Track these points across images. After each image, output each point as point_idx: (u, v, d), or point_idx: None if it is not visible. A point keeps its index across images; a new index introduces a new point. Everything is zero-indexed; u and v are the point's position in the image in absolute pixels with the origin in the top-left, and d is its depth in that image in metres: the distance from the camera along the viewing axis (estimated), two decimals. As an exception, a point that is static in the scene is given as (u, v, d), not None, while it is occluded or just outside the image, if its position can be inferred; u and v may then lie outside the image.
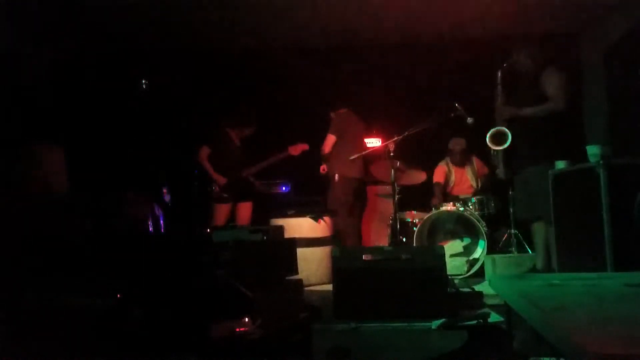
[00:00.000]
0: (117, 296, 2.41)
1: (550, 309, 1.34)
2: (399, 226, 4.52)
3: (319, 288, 4.39)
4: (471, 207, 4.89)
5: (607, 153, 3.08)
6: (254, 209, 5.16)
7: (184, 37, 5.53)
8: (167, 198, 4.40)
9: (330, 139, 5.15)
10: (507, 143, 3.89)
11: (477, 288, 3.71)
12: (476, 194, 5.14)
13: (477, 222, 4.67)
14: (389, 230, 5.03)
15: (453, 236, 5.04)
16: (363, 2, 4.85)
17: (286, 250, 3.61)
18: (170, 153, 4.78)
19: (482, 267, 4.52)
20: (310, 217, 4.74)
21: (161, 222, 4.04)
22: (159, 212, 3.98)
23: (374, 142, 5.58)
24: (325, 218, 4.81)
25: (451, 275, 4.06)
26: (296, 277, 3.60)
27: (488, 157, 4.36)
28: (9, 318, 2.12)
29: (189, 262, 2.77)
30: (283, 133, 5.37)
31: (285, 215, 4.72)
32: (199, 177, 5.07)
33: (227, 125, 5.16)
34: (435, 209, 4.89)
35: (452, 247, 4.93)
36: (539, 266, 4.01)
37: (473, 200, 4.96)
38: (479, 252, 4.75)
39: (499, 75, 4.05)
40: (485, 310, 3.12)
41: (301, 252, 3.91)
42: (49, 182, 2.93)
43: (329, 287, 3.73)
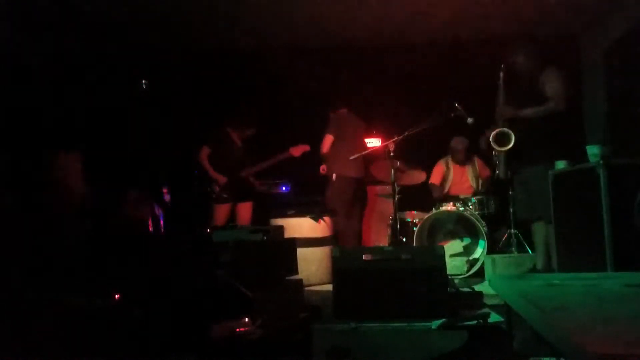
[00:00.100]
0: (117, 296, 2.41)
1: (550, 309, 1.34)
2: (399, 226, 4.52)
3: (319, 288, 4.39)
4: (471, 207, 4.89)
5: (607, 153, 3.08)
6: (254, 209, 5.16)
7: (184, 37, 5.53)
8: (167, 198, 4.40)
9: (328, 139, 5.14)
10: (510, 144, 3.90)
11: (477, 288, 3.71)
12: (476, 194, 5.13)
13: (477, 222, 4.67)
14: (389, 230, 5.02)
15: (453, 236, 5.03)
16: (363, 3, 4.85)
17: (286, 250, 3.62)
18: (170, 153, 4.78)
19: (482, 267, 4.51)
20: (310, 217, 4.73)
21: (161, 222, 4.04)
22: (159, 212, 3.98)
23: (374, 142, 5.59)
24: (325, 218, 4.81)
25: (451, 275, 4.06)
26: (296, 277, 3.60)
27: (490, 157, 4.37)
28: (9, 318, 2.12)
29: (189, 262, 2.77)
30: (284, 133, 5.37)
31: (285, 215, 4.71)
32: (199, 177, 5.07)
33: (229, 126, 5.16)
34: (436, 209, 4.89)
35: (452, 247, 4.92)
36: (539, 266, 4.01)
37: (473, 200, 4.96)
38: (479, 252, 4.75)
39: (501, 75, 4.05)
40: (485, 310, 3.11)
41: (301, 252, 3.91)
42: (69, 187, 2.92)
43: (329, 287, 3.73)
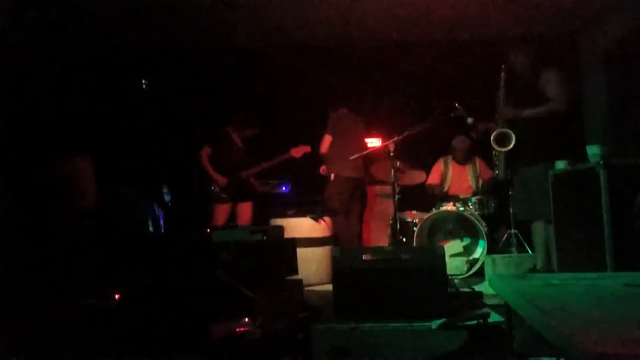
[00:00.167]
0: (117, 296, 2.41)
1: (550, 309, 1.34)
2: (399, 226, 4.53)
3: (319, 288, 4.39)
4: (471, 207, 4.89)
5: (607, 153, 3.08)
6: (254, 209, 5.16)
7: (184, 37, 5.53)
8: (167, 198, 4.40)
9: (327, 139, 5.14)
10: (511, 144, 3.90)
11: (477, 288, 3.71)
12: (476, 194, 5.13)
13: (477, 222, 4.67)
14: (389, 230, 5.02)
15: (453, 236, 5.03)
16: (363, 3, 4.85)
17: (286, 250, 3.61)
18: (170, 153, 4.78)
19: (482, 267, 4.51)
20: (310, 217, 4.73)
21: (161, 222, 4.04)
22: (159, 212, 3.98)
23: (374, 142, 5.59)
24: (325, 218, 4.81)
25: (451, 275, 4.06)
26: (296, 277, 3.60)
27: (490, 158, 4.36)
28: (10, 318, 2.12)
29: (189, 262, 2.77)
30: (285, 134, 5.37)
31: (285, 215, 4.72)
32: (199, 177, 5.07)
33: (230, 126, 5.16)
34: (436, 209, 4.89)
35: (452, 247, 4.92)
36: (539, 266, 4.01)
37: (473, 200, 4.95)
38: (479, 252, 4.75)
39: (503, 76, 4.05)
40: (485, 310, 3.12)
41: (301, 252, 3.91)
42: (82, 190, 2.91)
43: (329, 287, 3.73)
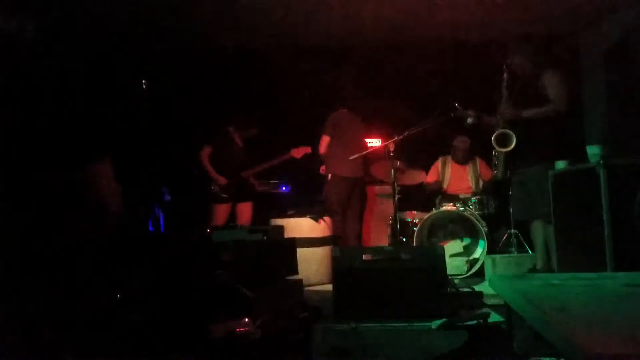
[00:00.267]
0: (117, 296, 2.41)
1: (550, 309, 1.34)
2: (399, 226, 4.53)
3: (319, 288, 4.39)
4: (471, 207, 4.89)
5: (607, 153, 3.08)
6: (254, 209, 5.16)
7: (184, 37, 5.53)
8: (167, 198, 4.40)
9: (324, 139, 5.15)
10: (511, 145, 3.90)
11: (477, 288, 3.71)
12: (475, 194, 5.13)
13: (477, 222, 4.67)
14: (389, 230, 5.02)
15: (453, 236, 5.03)
16: (363, 3, 4.85)
17: (286, 250, 3.62)
18: (170, 153, 4.78)
19: (482, 267, 4.51)
20: (310, 217, 4.73)
21: (161, 222, 4.05)
22: (159, 212, 3.98)
23: (374, 142, 5.59)
24: (325, 218, 4.81)
25: (451, 275, 4.06)
26: (296, 277, 3.60)
27: (490, 158, 4.36)
28: (10, 318, 2.12)
29: (189, 262, 2.77)
30: (285, 134, 5.37)
31: (285, 215, 4.71)
32: (199, 177, 5.07)
33: (231, 126, 5.16)
34: (436, 209, 4.89)
35: (452, 247, 4.92)
36: (539, 266, 4.01)
37: (473, 200, 4.96)
38: (479, 252, 4.74)
39: (505, 76, 4.04)
40: (485, 310, 3.11)
41: (301, 252, 3.91)
42: (105, 197, 2.85)
43: (329, 287, 3.73)
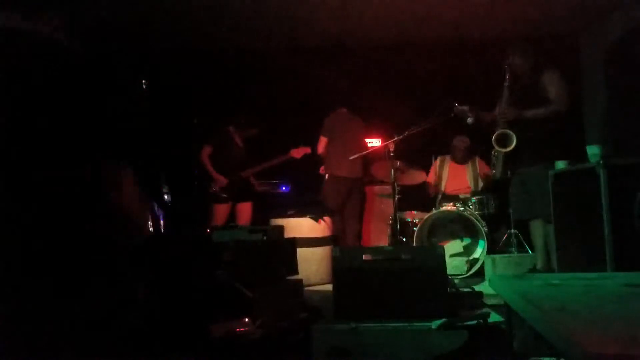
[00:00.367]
0: (117, 296, 2.41)
1: (550, 309, 1.34)
2: (399, 226, 4.53)
3: (319, 288, 4.39)
4: (471, 207, 4.89)
5: (607, 153, 3.08)
6: (254, 209, 5.16)
7: (185, 37, 5.53)
8: (167, 198, 4.40)
9: (322, 140, 5.16)
10: (512, 145, 3.90)
11: (477, 288, 3.71)
12: (474, 194, 5.13)
13: (477, 222, 4.67)
14: (389, 230, 5.02)
15: (453, 236, 5.03)
16: (363, 3, 4.86)
17: (286, 250, 3.61)
18: (170, 153, 4.78)
19: (482, 267, 4.51)
20: (310, 217, 4.74)
21: (161, 222, 4.04)
22: (159, 212, 3.98)
23: (374, 142, 5.59)
24: (325, 218, 4.81)
25: (451, 275, 4.06)
26: (296, 277, 3.60)
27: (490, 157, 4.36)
28: (10, 318, 2.12)
29: (189, 262, 2.77)
30: (285, 134, 5.37)
31: (285, 215, 4.72)
32: (199, 177, 5.07)
33: (231, 126, 5.16)
34: (436, 209, 4.89)
35: (452, 247, 4.92)
36: (539, 266, 4.02)
37: (473, 200, 4.96)
38: (479, 252, 4.75)
39: (507, 77, 4.04)
40: (485, 310, 3.12)
41: (301, 252, 3.91)
42: (129, 208, 2.76)
43: (329, 287, 3.73)
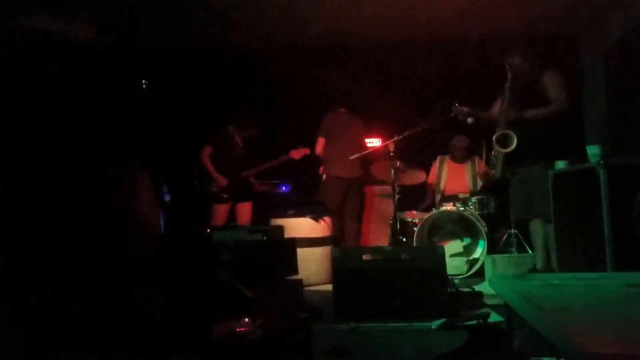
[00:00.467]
0: (117, 296, 2.41)
1: (550, 309, 1.34)
2: (399, 226, 4.53)
3: (319, 288, 4.39)
4: (471, 207, 4.89)
5: (607, 153, 3.08)
6: (254, 209, 5.16)
7: (185, 37, 5.53)
8: (167, 198, 4.40)
9: (320, 140, 5.17)
10: (512, 146, 3.90)
11: (477, 288, 3.71)
12: (473, 194, 5.13)
13: (477, 222, 4.67)
14: (389, 230, 5.02)
15: (453, 236, 5.03)
16: (363, 3, 4.86)
17: (286, 250, 3.61)
18: (170, 153, 4.78)
19: (482, 267, 4.51)
20: (310, 217, 4.73)
21: (161, 222, 4.04)
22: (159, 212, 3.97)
23: (374, 142, 5.59)
24: (325, 218, 4.81)
25: (451, 275, 4.06)
26: (296, 277, 3.59)
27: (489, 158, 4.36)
28: (10, 318, 2.12)
29: (189, 262, 2.77)
30: (285, 134, 5.37)
31: (285, 215, 4.71)
32: (199, 177, 5.07)
33: (231, 126, 5.16)
34: (436, 209, 4.89)
35: (452, 247, 4.92)
36: (539, 266, 4.02)
37: (473, 200, 4.95)
38: (479, 252, 4.74)
39: (509, 77, 4.04)
40: (485, 310, 3.11)
41: (301, 252, 3.90)
42: (144, 214, 2.73)
43: (329, 287, 3.73)
